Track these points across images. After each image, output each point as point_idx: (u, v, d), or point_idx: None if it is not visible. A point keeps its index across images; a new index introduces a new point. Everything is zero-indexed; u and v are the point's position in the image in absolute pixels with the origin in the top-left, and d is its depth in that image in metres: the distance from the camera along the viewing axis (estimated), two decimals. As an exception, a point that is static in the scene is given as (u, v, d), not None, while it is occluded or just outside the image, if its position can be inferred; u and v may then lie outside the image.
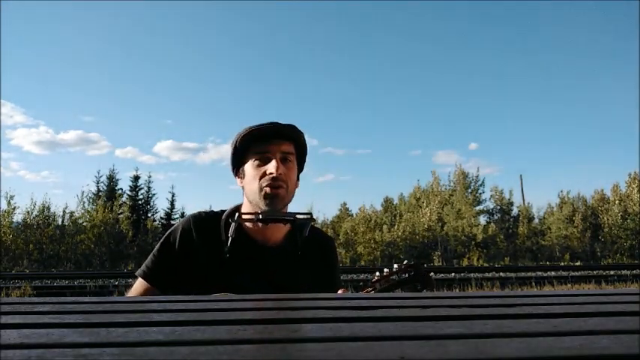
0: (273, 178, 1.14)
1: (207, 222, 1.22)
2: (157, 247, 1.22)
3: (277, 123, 1.18)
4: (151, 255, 1.22)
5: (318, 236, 1.31)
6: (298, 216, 1.14)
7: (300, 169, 1.27)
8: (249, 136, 1.17)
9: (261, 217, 1.10)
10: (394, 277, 1.24)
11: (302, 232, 1.19)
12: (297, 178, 1.25)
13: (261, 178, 1.15)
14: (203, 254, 1.17)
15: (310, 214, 1.18)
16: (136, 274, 1.21)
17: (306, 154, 1.27)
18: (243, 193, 1.23)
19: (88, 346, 0.42)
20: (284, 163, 1.17)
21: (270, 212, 1.13)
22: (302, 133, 1.22)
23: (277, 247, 1.22)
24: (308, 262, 1.24)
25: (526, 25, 38.74)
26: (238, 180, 1.24)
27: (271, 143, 1.17)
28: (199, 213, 1.25)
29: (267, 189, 1.14)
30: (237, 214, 1.12)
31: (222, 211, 1.26)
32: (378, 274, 1.28)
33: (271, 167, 1.14)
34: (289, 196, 1.19)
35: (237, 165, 1.24)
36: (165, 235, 1.23)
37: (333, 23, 43.73)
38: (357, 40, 42.38)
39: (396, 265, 1.26)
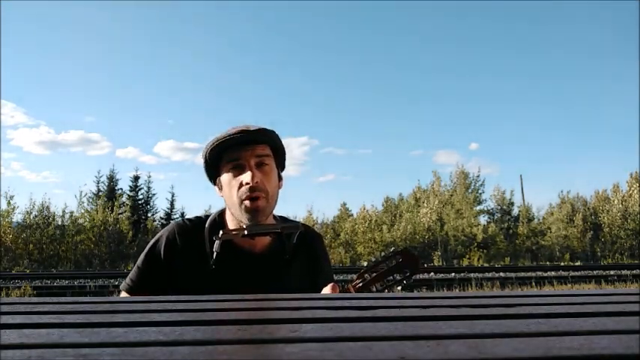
0: (250, 188, 1.09)
1: (192, 232, 1.18)
2: (140, 258, 1.18)
3: (246, 130, 1.12)
4: (135, 267, 1.18)
5: (306, 236, 1.27)
6: (285, 225, 1.12)
7: (282, 167, 1.22)
8: (217, 147, 1.12)
9: (246, 232, 1.07)
10: (383, 265, 1.23)
11: (290, 240, 1.17)
12: (280, 178, 1.20)
13: (238, 189, 1.11)
14: (189, 266, 1.14)
15: (298, 223, 1.16)
16: (121, 287, 1.18)
17: (284, 151, 1.21)
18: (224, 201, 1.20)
19: (88, 346, 0.42)
20: (260, 168, 1.12)
21: (255, 227, 1.09)
22: (274, 134, 1.17)
23: (264, 254, 1.19)
24: (297, 265, 1.22)
25: (527, 25, 38.79)
26: (217, 189, 1.20)
27: (243, 150, 1.11)
28: (183, 221, 1.21)
29: (247, 202, 1.09)
30: (221, 233, 1.09)
31: (207, 217, 1.23)
32: (365, 263, 1.28)
33: (247, 177, 1.09)
34: (271, 203, 1.15)
35: (214, 175, 1.20)
36: (149, 245, 1.19)
37: (333, 24, 43.78)
38: (357, 41, 42.42)
39: (383, 253, 1.26)
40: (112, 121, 40.46)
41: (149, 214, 24.06)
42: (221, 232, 1.09)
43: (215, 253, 1.10)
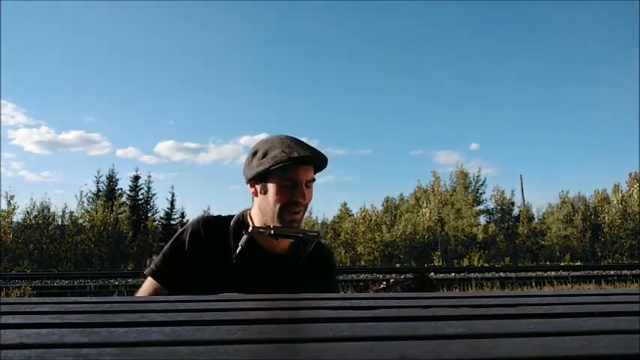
0: (297, 206, 1.19)
1: (216, 226, 1.26)
2: (166, 246, 1.26)
3: (311, 156, 1.18)
4: (160, 254, 1.26)
5: (321, 249, 1.35)
6: (306, 231, 1.20)
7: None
8: (285, 162, 1.16)
9: (273, 232, 1.15)
10: (397, 289, 1.27)
11: (306, 247, 1.24)
12: None
13: (286, 201, 1.18)
14: (211, 257, 1.21)
15: (318, 232, 1.24)
16: (145, 272, 1.24)
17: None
18: (253, 199, 1.27)
19: (88, 346, 0.42)
20: (306, 189, 1.22)
21: (281, 229, 1.17)
22: (326, 160, 1.25)
23: (282, 256, 1.26)
24: (308, 273, 1.28)
25: (526, 26, 38.77)
26: (252, 189, 1.25)
27: (302, 170, 1.20)
28: (208, 216, 1.29)
29: (289, 216, 1.19)
30: (251, 227, 1.17)
31: (230, 217, 1.30)
32: (384, 284, 1.31)
33: (299, 197, 1.18)
34: (303, 216, 1.25)
35: (258, 177, 1.22)
36: (176, 235, 1.27)
37: (333, 23, 43.77)
38: (357, 41, 42.41)
39: (402, 277, 1.29)
40: (112, 121, 40.51)
41: (149, 214, 24.06)
42: (251, 227, 1.16)
43: (240, 247, 1.17)
